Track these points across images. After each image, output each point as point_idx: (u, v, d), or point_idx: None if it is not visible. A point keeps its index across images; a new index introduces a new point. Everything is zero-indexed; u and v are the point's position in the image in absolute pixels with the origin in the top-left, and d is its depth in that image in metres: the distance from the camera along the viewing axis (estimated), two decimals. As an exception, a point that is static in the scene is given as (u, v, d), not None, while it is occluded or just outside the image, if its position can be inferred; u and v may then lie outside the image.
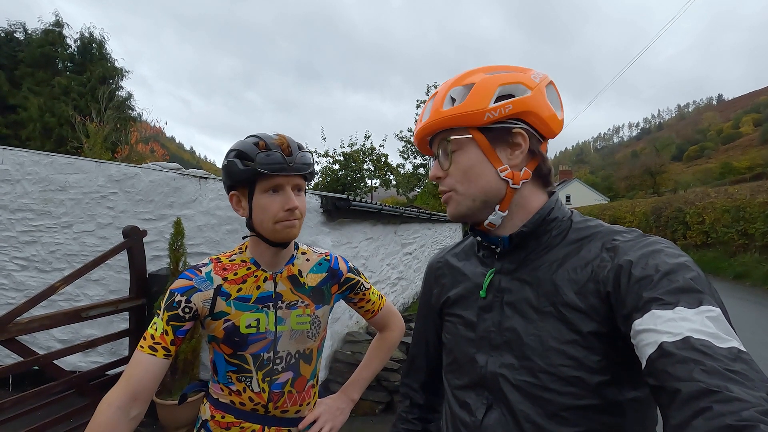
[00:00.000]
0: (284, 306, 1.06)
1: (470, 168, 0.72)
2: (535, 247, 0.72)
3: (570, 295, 0.64)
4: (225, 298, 1.02)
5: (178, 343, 0.99)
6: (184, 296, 0.99)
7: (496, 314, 0.72)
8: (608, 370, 0.60)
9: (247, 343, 1.02)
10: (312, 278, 1.11)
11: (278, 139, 0.98)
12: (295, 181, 0.99)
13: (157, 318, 0.99)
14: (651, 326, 0.49)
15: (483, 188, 0.72)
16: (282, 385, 1.06)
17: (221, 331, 1.02)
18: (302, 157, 0.99)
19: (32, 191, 4.08)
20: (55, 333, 3.97)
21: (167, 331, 0.97)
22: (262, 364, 1.04)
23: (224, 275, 1.03)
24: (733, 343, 0.45)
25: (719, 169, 59.01)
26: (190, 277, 1.01)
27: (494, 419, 0.68)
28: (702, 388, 0.41)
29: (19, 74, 16.42)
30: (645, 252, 0.59)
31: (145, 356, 0.94)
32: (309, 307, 1.09)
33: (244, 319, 1.02)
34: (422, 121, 0.76)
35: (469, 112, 0.69)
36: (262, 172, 0.93)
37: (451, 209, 0.75)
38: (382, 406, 3.59)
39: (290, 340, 1.07)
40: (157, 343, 0.96)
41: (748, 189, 11.29)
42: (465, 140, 0.72)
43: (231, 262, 1.06)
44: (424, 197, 19.11)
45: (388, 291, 5.66)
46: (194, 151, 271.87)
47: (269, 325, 1.04)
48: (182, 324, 0.99)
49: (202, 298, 1.00)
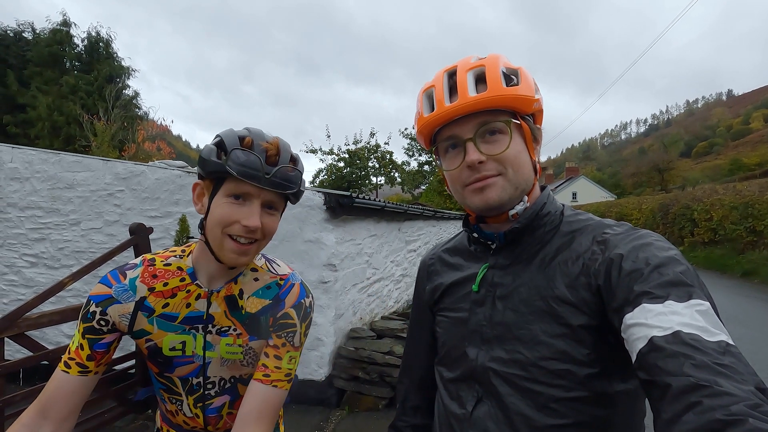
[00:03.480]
0: (214, 331, 0.89)
1: (519, 155, 0.70)
2: (529, 242, 0.72)
3: (561, 289, 0.65)
4: (147, 314, 0.87)
5: (98, 358, 0.85)
6: (99, 307, 0.85)
7: (488, 308, 0.73)
8: (597, 363, 0.61)
9: (173, 366, 0.90)
10: (252, 303, 0.91)
11: (270, 142, 0.83)
12: (268, 197, 0.82)
13: (76, 328, 0.87)
14: (641, 320, 0.50)
15: (526, 177, 0.71)
16: (218, 409, 0.94)
17: (145, 349, 0.89)
18: (282, 171, 0.80)
19: (41, 189, 4.14)
20: (64, 328, 4.04)
21: (82, 345, 0.84)
22: (192, 388, 0.92)
23: (151, 284, 0.87)
24: (721, 337, 0.46)
25: (728, 165, 58.21)
26: (111, 284, 0.86)
27: (484, 412, 0.69)
28: (692, 382, 0.42)
29: (27, 74, 16.58)
30: (635, 245, 0.59)
31: (58, 373, 0.84)
32: (241, 337, 0.90)
33: (167, 340, 0.88)
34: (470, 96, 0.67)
35: (527, 96, 0.68)
36: (229, 171, 0.78)
37: (494, 194, 0.69)
38: (385, 401, 3.61)
39: (222, 367, 0.92)
40: (71, 359, 0.84)
41: (757, 186, 11.17)
42: (515, 126, 0.70)
43: (165, 267, 0.89)
44: (429, 194, 19.07)
45: (392, 288, 5.68)
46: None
47: (197, 349, 0.89)
48: (100, 337, 0.85)
49: (120, 311, 0.86)
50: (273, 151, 0.82)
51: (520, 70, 0.70)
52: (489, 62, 0.69)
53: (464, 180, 0.71)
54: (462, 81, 0.69)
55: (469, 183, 0.71)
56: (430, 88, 0.73)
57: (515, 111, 0.70)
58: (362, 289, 4.47)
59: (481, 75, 0.69)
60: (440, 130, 0.74)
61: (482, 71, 0.69)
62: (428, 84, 0.74)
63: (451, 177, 0.74)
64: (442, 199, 16.78)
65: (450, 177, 0.74)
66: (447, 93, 0.70)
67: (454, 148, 0.73)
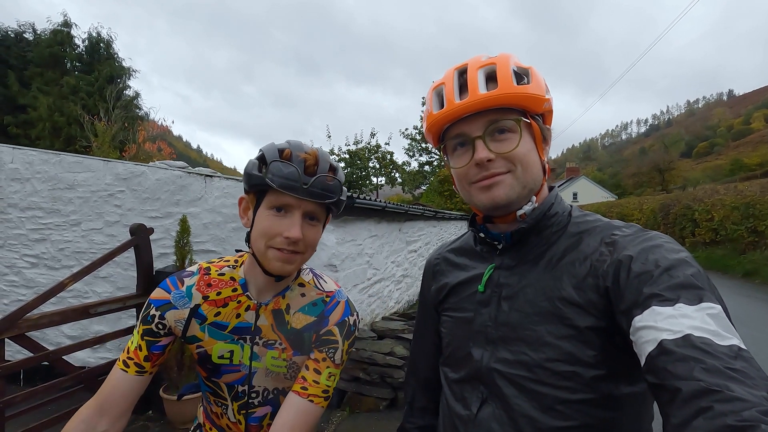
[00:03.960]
0: (261, 343, 0.92)
1: (528, 154, 0.69)
2: (536, 242, 0.71)
3: (568, 290, 0.64)
4: (200, 322, 0.91)
5: (154, 360, 0.90)
6: (159, 311, 0.90)
7: (493, 309, 0.72)
8: (604, 365, 0.61)
9: (221, 372, 0.93)
10: (298, 319, 0.93)
11: (308, 152, 0.83)
12: (309, 207, 0.83)
13: (135, 330, 0.92)
14: (651, 323, 0.49)
15: (534, 177, 0.71)
16: (260, 419, 0.96)
17: (195, 354, 0.94)
18: (320, 180, 0.81)
19: (41, 190, 4.14)
20: (65, 329, 4.04)
21: (141, 347, 0.89)
22: (237, 395, 0.95)
23: (206, 293, 0.92)
24: (733, 341, 0.45)
25: (729, 165, 58.21)
26: (170, 289, 0.91)
27: (488, 413, 0.69)
28: (702, 387, 0.41)
29: (28, 74, 16.60)
30: (645, 247, 0.58)
31: (117, 371, 0.88)
32: (286, 352, 0.92)
33: (216, 348, 0.91)
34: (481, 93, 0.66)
35: (537, 96, 0.68)
36: (269, 183, 0.80)
37: (501, 192, 0.68)
38: (386, 402, 3.60)
39: (266, 378, 0.94)
40: (130, 359, 0.89)
41: (759, 186, 11.14)
42: (525, 124, 0.69)
43: (219, 277, 0.94)
44: (430, 195, 19.07)
45: (393, 288, 5.67)
46: (201, 150, 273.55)
47: (244, 359, 0.92)
48: (158, 339, 0.90)
49: (176, 317, 0.90)
50: (311, 161, 0.82)
51: (531, 69, 0.70)
52: (500, 60, 0.69)
53: (471, 177, 0.71)
54: (473, 78, 0.68)
55: (476, 180, 0.70)
56: (440, 86, 0.72)
57: (525, 110, 0.69)
58: (363, 289, 4.46)
59: (491, 73, 0.69)
60: (449, 128, 0.73)
61: (493, 69, 0.68)
62: (438, 81, 0.74)
63: (458, 175, 0.73)
64: (443, 200, 16.78)
65: (457, 175, 0.74)
66: (457, 90, 0.69)
67: (463, 146, 0.72)
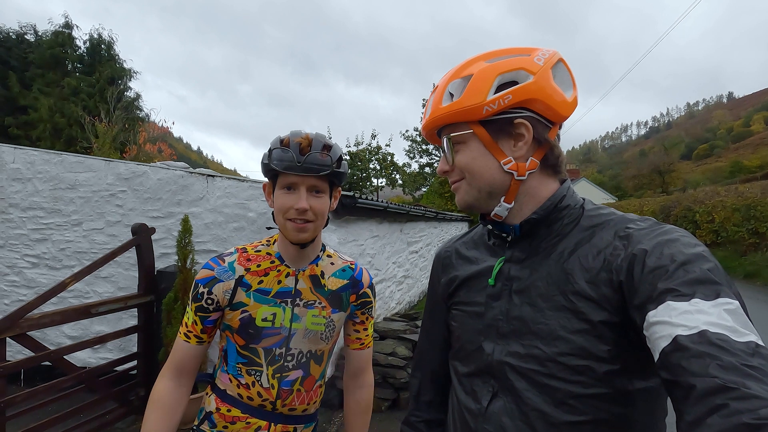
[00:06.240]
0: (302, 304, 1.06)
1: (473, 162, 0.71)
2: (546, 235, 0.71)
3: (581, 284, 0.63)
4: (245, 289, 1.04)
5: (209, 332, 1.06)
6: (206, 287, 1.03)
7: (504, 302, 0.71)
8: (618, 360, 0.60)
9: (261, 336, 1.04)
10: (333, 282, 1.11)
11: (303, 137, 0.99)
12: (311, 182, 0.98)
13: (188, 307, 1.07)
14: (665, 318, 0.48)
15: (487, 181, 0.71)
16: (291, 383, 1.06)
17: (237, 322, 1.04)
18: (312, 157, 0.97)
19: (43, 190, 4.13)
20: (66, 329, 4.03)
21: (196, 321, 1.04)
22: (273, 359, 1.05)
23: (247, 266, 1.06)
24: (751, 338, 0.44)
25: (729, 167, 58.20)
26: (213, 267, 1.04)
27: (499, 407, 0.68)
28: (718, 384, 0.40)
29: (29, 75, 16.64)
30: (660, 241, 0.57)
31: (181, 342, 1.06)
32: (325, 309, 1.08)
33: (261, 312, 1.03)
34: (426, 117, 0.76)
35: (467, 107, 0.68)
36: (274, 167, 0.97)
37: (458, 198, 0.76)
38: (388, 402, 3.59)
39: (303, 339, 1.07)
40: (189, 332, 1.05)
41: (759, 187, 11.16)
42: (467, 135, 0.71)
43: (256, 253, 1.08)
44: (430, 196, 19.08)
45: (394, 289, 5.66)
46: (201, 151, 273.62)
47: (285, 321, 1.05)
48: (208, 315, 1.04)
49: (223, 288, 1.03)
50: (305, 143, 0.98)
51: (473, 76, 0.69)
52: (442, 79, 0.75)
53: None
54: (435, 97, 0.75)
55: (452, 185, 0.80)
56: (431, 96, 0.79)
57: (466, 121, 0.71)
58: (364, 290, 4.45)
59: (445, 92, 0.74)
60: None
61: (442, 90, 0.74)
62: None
63: None
64: (443, 201, 16.79)
65: None
66: (430, 106, 0.76)
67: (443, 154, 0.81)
